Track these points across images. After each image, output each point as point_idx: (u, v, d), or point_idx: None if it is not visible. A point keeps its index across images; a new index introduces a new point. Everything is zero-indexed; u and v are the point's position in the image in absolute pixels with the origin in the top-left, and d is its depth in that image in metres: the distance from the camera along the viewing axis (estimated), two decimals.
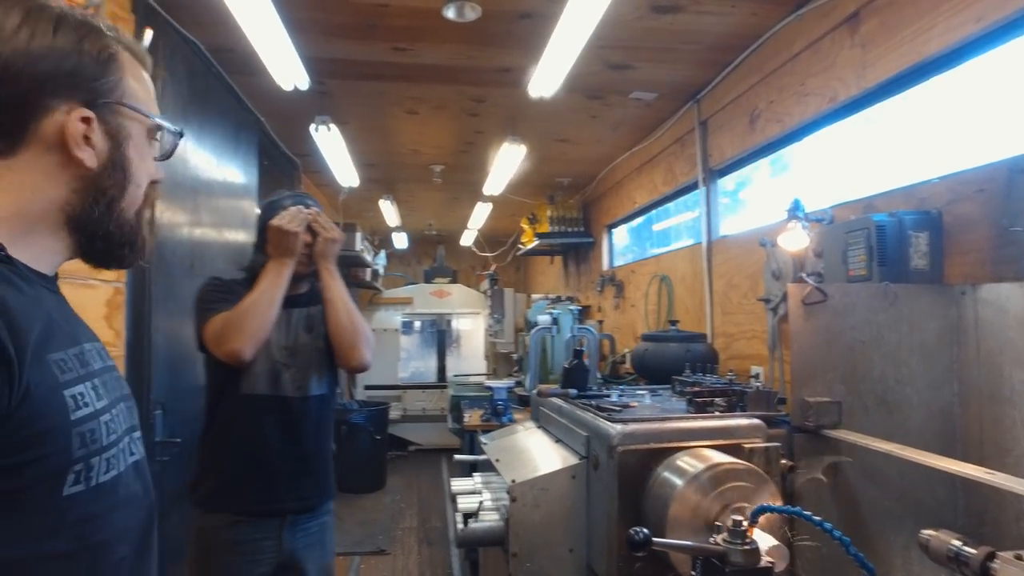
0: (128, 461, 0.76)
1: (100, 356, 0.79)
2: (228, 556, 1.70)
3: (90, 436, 0.68)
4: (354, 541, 4.37)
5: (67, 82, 0.72)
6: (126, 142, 0.77)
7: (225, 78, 2.92)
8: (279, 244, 1.73)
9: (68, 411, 0.66)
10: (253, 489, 1.72)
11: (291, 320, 1.82)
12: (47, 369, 0.66)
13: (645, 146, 3.96)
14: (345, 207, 5.46)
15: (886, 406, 1.54)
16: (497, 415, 3.44)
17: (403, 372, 7.69)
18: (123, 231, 0.79)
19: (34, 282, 0.72)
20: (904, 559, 1.49)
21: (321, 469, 1.83)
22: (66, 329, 0.73)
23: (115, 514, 0.72)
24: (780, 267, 2.12)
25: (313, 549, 1.80)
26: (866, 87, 2.02)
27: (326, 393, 1.85)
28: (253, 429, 1.73)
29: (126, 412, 0.80)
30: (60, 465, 0.65)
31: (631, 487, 1.33)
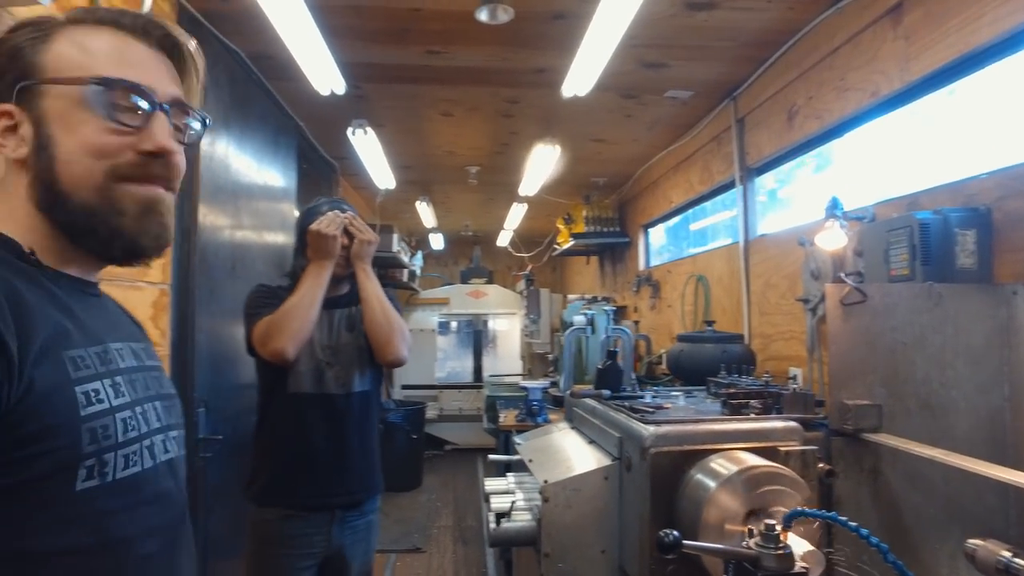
0: (160, 459, 0.77)
1: (135, 355, 0.80)
2: (280, 549, 1.78)
3: (102, 432, 0.68)
4: (390, 539, 4.43)
5: None
6: (44, 120, 0.73)
7: (265, 84, 2.99)
8: (318, 247, 1.82)
9: (78, 407, 0.67)
10: (302, 484, 1.80)
11: (333, 320, 1.90)
12: (59, 365, 0.67)
13: (681, 145, 3.91)
14: (382, 209, 5.53)
15: (930, 410, 1.49)
16: (532, 415, 3.45)
17: (440, 372, 7.75)
18: (74, 216, 0.74)
19: (63, 284, 0.74)
20: (951, 569, 1.44)
21: (366, 464, 1.90)
22: (89, 328, 0.74)
23: (140, 510, 0.72)
24: (819, 267, 2.07)
25: (359, 546, 1.88)
26: (910, 80, 1.96)
27: (369, 389, 1.92)
28: (299, 426, 1.81)
29: (162, 411, 0.80)
30: (70, 460, 0.65)
31: (664, 489, 1.32)
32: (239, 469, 2.30)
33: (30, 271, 0.71)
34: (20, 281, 0.68)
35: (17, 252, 0.71)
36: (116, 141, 0.73)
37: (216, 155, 2.47)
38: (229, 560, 2.40)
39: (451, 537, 4.56)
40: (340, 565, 1.86)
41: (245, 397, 2.55)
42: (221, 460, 2.34)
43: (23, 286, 0.67)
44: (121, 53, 0.75)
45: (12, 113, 0.73)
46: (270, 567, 1.80)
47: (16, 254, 0.71)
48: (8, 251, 0.71)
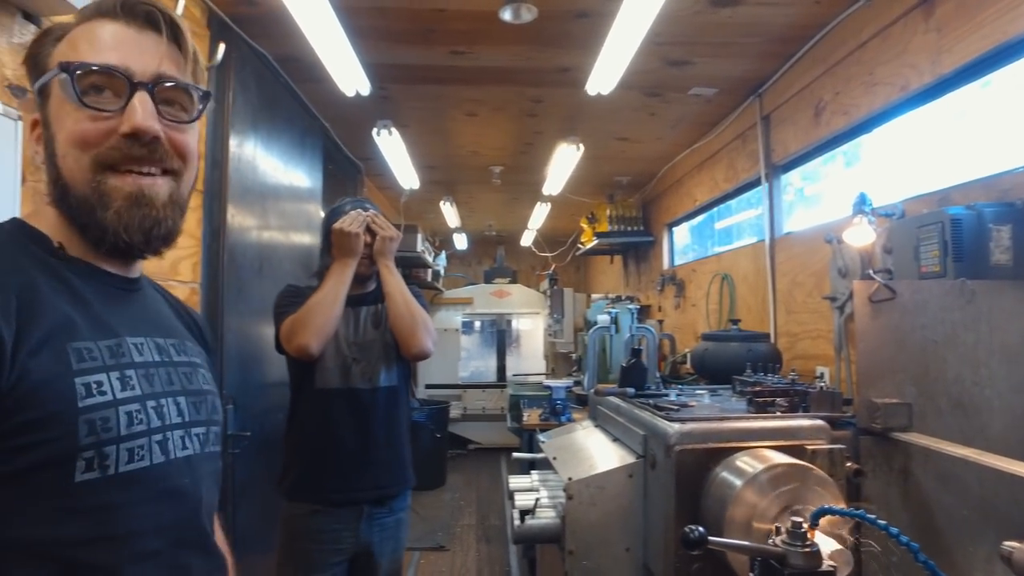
0: (176, 455, 0.75)
1: (160, 350, 0.80)
2: (309, 544, 1.81)
3: (102, 424, 0.67)
4: (414, 537, 4.44)
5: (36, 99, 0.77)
6: (48, 119, 0.75)
7: (292, 86, 3.04)
8: (342, 245, 1.86)
9: (76, 398, 0.66)
10: (328, 479, 1.83)
11: (359, 317, 1.94)
12: (60, 356, 0.66)
13: (705, 143, 3.88)
14: (406, 209, 5.58)
15: (962, 409, 1.46)
16: (556, 414, 3.45)
17: (463, 372, 7.78)
18: (74, 211, 0.74)
19: (89, 278, 0.76)
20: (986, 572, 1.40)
21: (393, 458, 1.92)
22: (107, 322, 0.74)
23: (146, 506, 0.71)
24: (847, 264, 2.04)
25: (388, 543, 1.91)
26: (941, 73, 1.92)
27: (396, 384, 1.95)
28: (326, 421, 1.85)
29: (187, 407, 0.80)
30: (66, 450, 0.65)
31: (688, 487, 1.31)
32: (267, 465, 2.35)
33: (55, 265, 0.73)
34: (40, 274, 0.70)
35: (47, 246, 0.74)
36: (94, 128, 0.72)
37: (244, 156, 2.52)
38: (258, 555, 2.44)
39: (474, 536, 4.58)
40: (369, 562, 1.88)
41: (273, 394, 2.59)
42: (249, 456, 2.38)
43: (42, 279, 0.70)
44: (95, 38, 0.73)
45: (38, 121, 0.77)
46: (300, 561, 1.83)
47: (46, 248, 0.74)
48: (38, 245, 0.74)
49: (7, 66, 1.33)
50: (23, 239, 0.73)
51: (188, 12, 2.08)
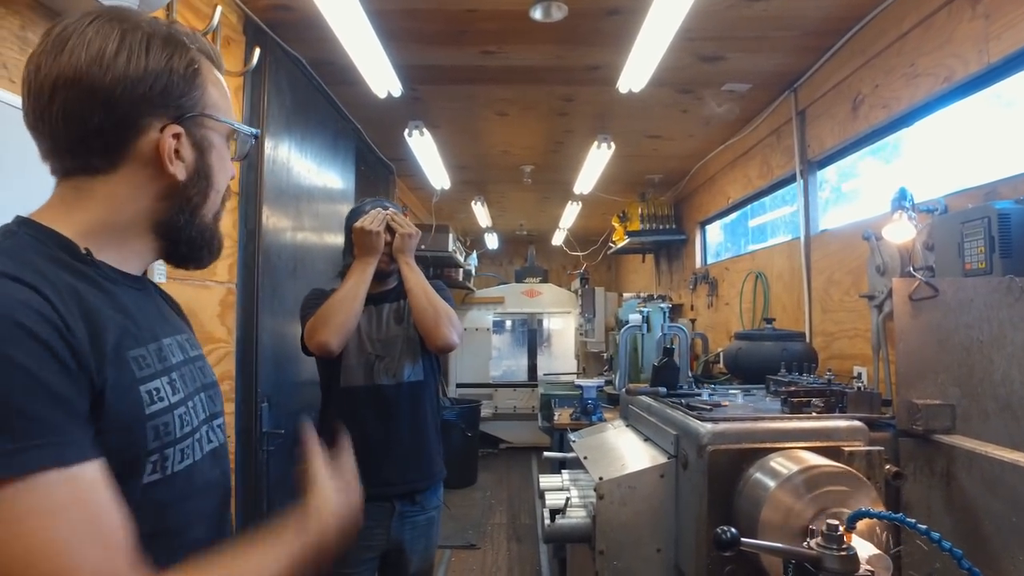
0: (205, 449, 0.80)
1: (181, 348, 0.83)
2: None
3: (164, 429, 0.72)
4: (445, 535, 4.47)
5: (160, 101, 0.75)
6: (209, 151, 0.81)
7: (325, 89, 3.08)
8: (362, 244, 1.90)
9: (144, 406, 0.70)
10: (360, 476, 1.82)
11: (382, 314, 1.97)
12: (126, 366, 0.70)
13: (739, 139, 3.81)
14: (438, 210, 5.61)
15: (1011, 411, 1.41)
16: (587, 414, 3.42)
17: (495, 371, 7.80)
18: (203, 235, 0.83)
19: (119, 282, 0.77)
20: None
21: (420, 451, 1.94)
22: (145, 326, 0.77)
23: (191, 501, 0.77)
24: (886, 261, 1.99)
25: (419, 541, 1.93)
26: (989, 63, 1.85)
27: (421, 379, 1.97)
28: (352, 418, 1.84)
29: (206, 401, 0.84)
30: (137, 456, 0.69)
31: (721, 488, 1.29)
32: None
33: (87, 271, 0.73)
34: (82, 284, 0.70)
35: (72, 252, 0.73)
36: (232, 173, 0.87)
37: (279, 159, 2.56)
38: None
39: (505, 535, 4.58)
40: (400, 559, 1.90)
41: (306, 393, 2.63)
42: (283, 454, 2.43)
43: (85, 290, 0.69)
44: (226, 96, 0.85)
45: (180, 134, 0.78)
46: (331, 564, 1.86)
47: (71, 254, 0.72)
48: (64, 251, 0.72)
49: None
50: (47, 243, 0.71)
51: (225, 18, 2.12)
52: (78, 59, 0.71)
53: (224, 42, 2.14)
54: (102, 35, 0.72)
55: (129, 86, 0.73)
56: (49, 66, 0.72)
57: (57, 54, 0.72)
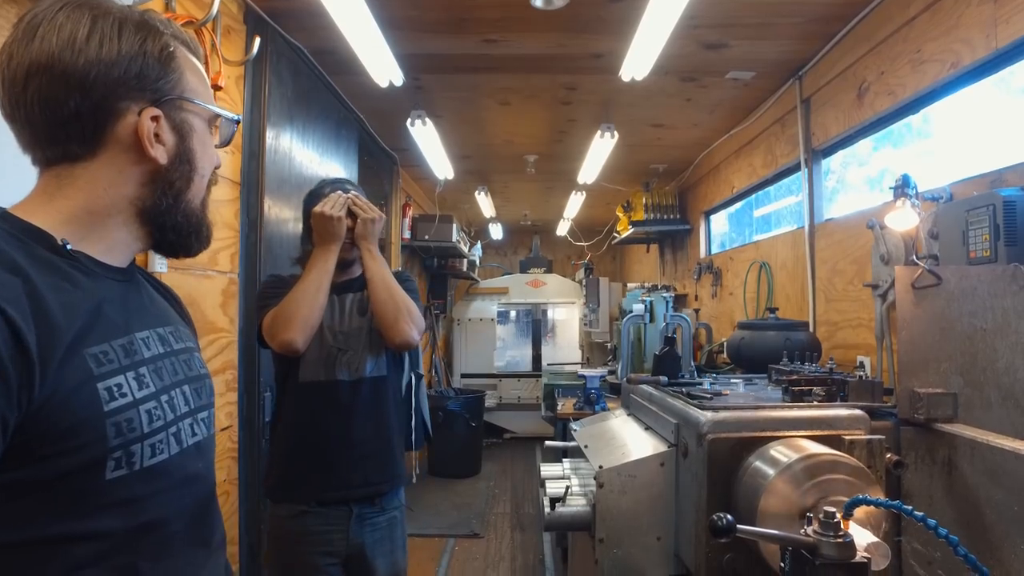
0: (188, 442, 0.79)
1: (162, 341, 0.82)
2: (298, 546, 1.72)
3: (127, 425, 0.70)
4: (449, 524, 4.51)
5: (136, 84, 0.75)
6: (190, 135, 0.81)
7: (326, 79, 3.07)
8: (322, 230, 1.76)
9: (101, 403, 0.68)
10: (316, 477, 1.73)
11: (344, 305, 1.84)
12: (81, 364, 0.68)
13: (743, 128, 3.78)
14: (441, 200, 5.61)
15: (1014, 400, 1.40)
16: (590, 403, 3.43)
17: (499, 361, 7.81)
18: (190, 221, 0.83)
19: (96, 274, 0.75)
20: None
21: (383, 452, 1.81)
22: (116, 320, 0.75)
23: (168, 494, 0.75)
24: (890, 250, 1.97)
25: (382, 544, 1.79)
26: (997, 48, 1.82)
27: (384, 375, 1.84)
28: (310, 417, 1.75)
29: (191, 394, 0.83)
30: (97, 454, 0.68)
31: (721, 476, 1.29)
32: None
33: (58, 263, 0.71)
34: (44, 277, 0.68)
35: (47, 243, 0.72)
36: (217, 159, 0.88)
37: (280, 149, 2.56)
38: None
39: (509, 524, 4.60)
40: (363, 565, 1.76)
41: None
42: None
43: (47, 283, 0.68)
44: (205, 82, 0.86)
45: (159, 117, 0.78)
46: (288, 565, 1.74)
47: (46, 245, 0.71)
48: (37, 242, 0.71)
49: None
50: (21, 236, 0.70)
51: (225, 7, 2.12)
52: (49, 44, 0.71)
53: (224, 31, 2.13)
54: (73, 20, 0.72)
55: (103, 69, 0.73)
56: (21, 54, 0.71)
57: (28, 41, 0.71)
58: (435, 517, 4.66)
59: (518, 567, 3.83)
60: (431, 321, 6.63)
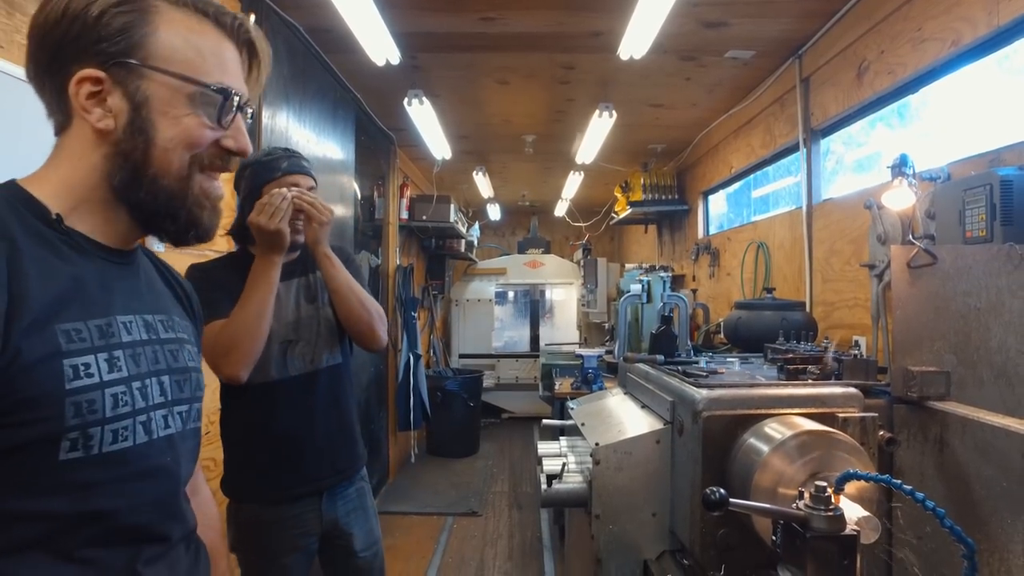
0: (158, 434, 0.77)
1: (149, 328, 0.80)
2: (272, 531, 1.66)
3: (87, 406, 0.68)
4: (447, 502, 4.56)
5: (76, 46, 0.71)
6: (145, 105, 0.74)
7: (323, 57, 3.04)
8: (264, 242, 1.53)
9: (63, 380, 0.67)
10: (284, 478, 1.65)
11: (290, 292, 1.69)
12: (50, 337, 0.67)
13: (742, 108, 3.77)
14: (439, 180, 5.58)
15: (1006, 378, 1.41)
16: (587, 383, 3.45)
17: (497, 342, 7.85)
18: (158, 200, 0.77)
19: (87, 252, 0.75)
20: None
21: (349, 439, 1.76)
22: (97, 300, 0.74)
23: (125, 485, 0.73)
24: (887, 230, 1.98)
25: (356, 514, 1.76)
26: (999, 25, 1.81)
27: (340, 362, 1.75)
28: (269, 417, 1.64)
29: (171, 385, 0.81)
30: (52, 431, 0.66)
31: (716, 453, 1.31)
32: None
33: (50, 236, 0.71)
34: (32, 248, 0.68)
35: (42, 216, 0.72)
36: (206, 135, 0.77)
37: (276, 128, 2.54)
38: None
39: (507, 502, 4.66)
40: (341, 538, 1.73)
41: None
42: None
43: (33, 253, 0.68)
44: (222, 58, 0.79)
45: (102, 80, 0.72)
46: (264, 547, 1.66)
47: (41, 218, 0.71)
48: (33, 214, 0.71)
49: None
50: (18, 206, 0.71)
51: None
52: (37, 10, 0.73)
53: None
54: None
55: (49, 29, 0.72)
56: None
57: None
58: (434, 496, 4.71)
59: (516, 545, 3.88)
60: (430, 302, 6.64)
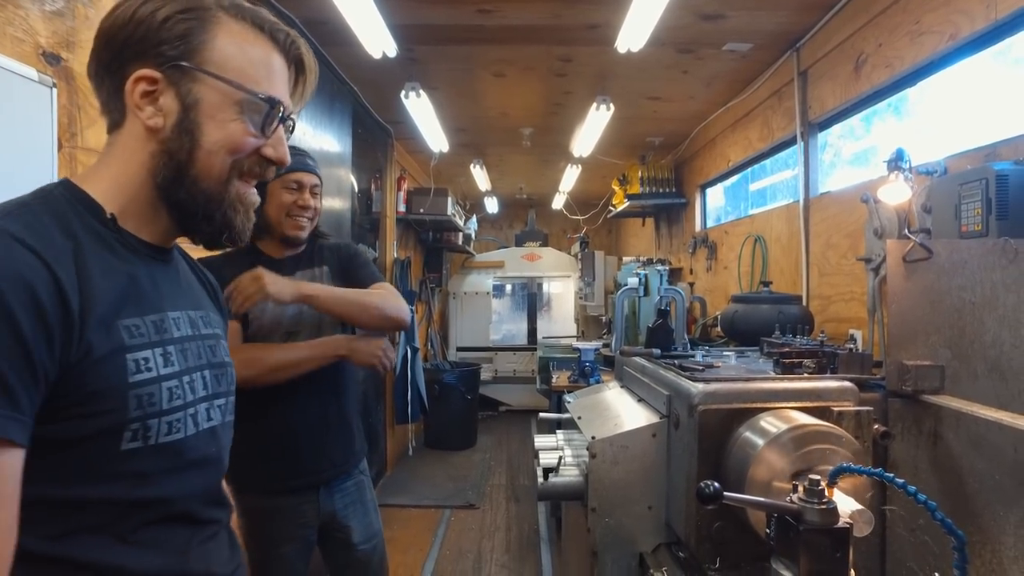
0: (203, 426, 0.81)
1: (192, 324, 0.84)
2: (271, 522, 1.69)
3: (147, 399, 0.73)
4: (445, 495, 4.58)
5: (139, 47, 0.75)
6: (195, 107, 0.77)
7: (319, 50, 3.03)
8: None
9: (127, 374, 0.71)
10: (283, 471, 1.69)
11: None
12: (115, 333, 0.71)
13: (740, 101, 3.76)
14: (436, 173, 5.57)
15: (999, 372, 1.42)
16: (584, 376, 3.46)
17: (495, 335, 7.85)
18: (196, 201, 0.79)
19: (138, 251, 0.79)
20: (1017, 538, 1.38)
21: (347, 433, 1.79)
22: (150, 297, 0.78)
23: (180, 473, 0.78)
24: (883, 224, 1.98)
25: (355, 507, 1.78)
26: (997, 18, 1.81)
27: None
28: (274, 408, 1.67)
29: (211, 379, 0.85)
30: (116, 422, 0.70)
31: (711, 447, 1.31)
32: None
33: (106, 235, 0.75)
34: (93, 246, 0.72)
35: (98, 215, 0.76)
36: (249, 143, 0.81)
37: None
38: None
39: (504, 495, 4.67)
40: (339, 531, 1.76)
41: None
42: None
43: (94, 252, 0.72)
44: (271, 70, 0.82)
45: (157, 80, 0.76)
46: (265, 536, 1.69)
47: (97, 218, 0.75)
48: (90, 213, 0.75)
49: (40, 34, 1.35)
50: (77, 206, 0.75)
51: None
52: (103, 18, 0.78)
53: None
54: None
55: (116, 31, 0.76)
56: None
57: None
58: (432, 489, 4.72)
59: (513, 537, 3.89)
60: (427, 295, 6.64)
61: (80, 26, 1.46)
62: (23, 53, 1.29)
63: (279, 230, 1.70)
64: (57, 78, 1.36)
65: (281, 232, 1.71)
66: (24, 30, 1.30)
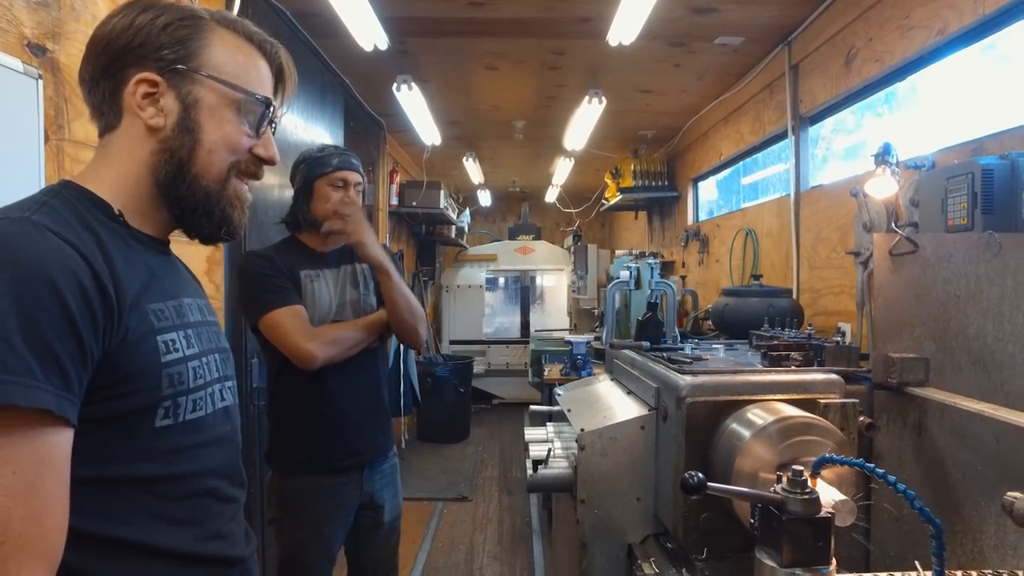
0: (218, 406, 0.87)
1: (201, 311, 0.90)
2: (318, 503, 1.78)
3: (177, 378, 0.78)
4: (438, 488, 4.59)
5: (140, 52, 0.80)
6: (196, 107, 0.82)
7: (310, 42, 3.01)
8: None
9: (159, 354, 0.76)
10: (331, 450, 1.79)
11: (339, 277, 1.86)
12: (145, 316, 0.76)
13: (732, 94, 3.77)
14: (428, 166, 5.56)
15: (982, 365, 1.44)
16: (576, 369, 3.47)
17: (487, 328, 7.86)
18: (196, 197, 0.84)
19: (145, 243, 0.84)
20: (998, 527, 1.40)
21: (384, 416, 1.93)
22: (166, 284, 0.84)
23: (203, 449, 0.83)
24: (872, 218, 2.00)
25: (389, 488, 1.92)
26: (984, 13, 1.82)
27: (378, 345, 1.90)
28: (318, 391, 1.77)
29: (220, 363, 0.90)
30: (151, 400, 0.75)
31: (699, 439, 1.32)
32: None
33: (118, 230, 0.80)
34: (111, 239, 0.76)
35: (107, 212, 0.80)
36: (245, 143, 0.87)
37: None
38: None
39: (496, 487, 4.69)
40: (373, 509, 1.88)
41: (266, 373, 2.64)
42: None
43: (114, 244, 0.76)
44: (260, 75, 0.88)
45: (157, 83, 0.81)
46: (308, 516, 1.78)
47: (107, 214, 0.79)
48: (100, 211, 0.79)
49: (25, 24, 1.34)
50: (85, 203, 0.78)
51: None
52: (97, 27, 0.82)
53: None
54: (114, 10, 0.83)
55: (114, 38, 0.80)
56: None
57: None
58: (424, 481, 4.74)
59: (505, 529, 3.92)
60: (420, 288, 6.64)
61: (66, 17, 1.45)
62: (7, 44, 1.28)
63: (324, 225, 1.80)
64: (43, 69, 1.35)
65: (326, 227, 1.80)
66: (8, 20, 1.29)
